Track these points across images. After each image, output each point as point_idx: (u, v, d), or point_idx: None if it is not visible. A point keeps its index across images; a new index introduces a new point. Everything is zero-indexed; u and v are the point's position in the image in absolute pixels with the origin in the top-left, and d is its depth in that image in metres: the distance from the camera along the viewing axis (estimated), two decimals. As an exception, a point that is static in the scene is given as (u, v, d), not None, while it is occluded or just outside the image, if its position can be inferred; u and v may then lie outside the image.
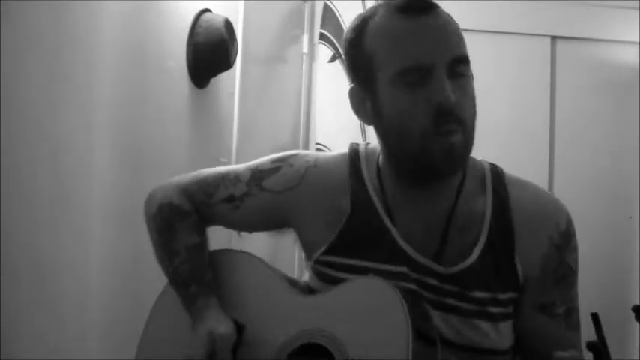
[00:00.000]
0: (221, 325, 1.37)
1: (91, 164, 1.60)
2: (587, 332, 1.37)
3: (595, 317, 1.06)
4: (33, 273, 1.41)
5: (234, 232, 1.71)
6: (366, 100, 1.35)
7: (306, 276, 1.47)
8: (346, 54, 1.39)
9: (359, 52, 1.34)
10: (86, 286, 1.59)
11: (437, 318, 1.32)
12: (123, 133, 1.76)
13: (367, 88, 1.34)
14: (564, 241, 1.36)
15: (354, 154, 1.44)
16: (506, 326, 1.34)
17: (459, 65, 1.29)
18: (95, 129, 1.61)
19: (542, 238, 1.35)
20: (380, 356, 1.26)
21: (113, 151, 1.70)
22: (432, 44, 1.28)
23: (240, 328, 1.39)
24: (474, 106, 1.31)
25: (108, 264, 1.69)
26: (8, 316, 1.32)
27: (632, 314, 1.14)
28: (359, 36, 1.34)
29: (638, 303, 1.14)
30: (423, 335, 1.27)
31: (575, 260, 1.38)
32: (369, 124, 1.37)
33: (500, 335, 1.33)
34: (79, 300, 1.56)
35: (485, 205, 1.37)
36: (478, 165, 1.41)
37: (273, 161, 1.47)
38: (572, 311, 1.37)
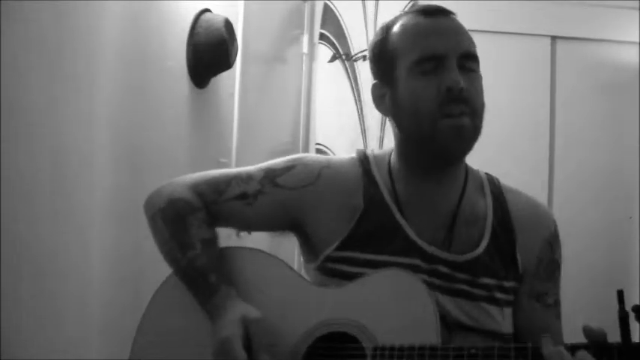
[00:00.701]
0: (251, 311, 1.38)
1: (91, 164, 1.60)
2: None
3: (620, 294, 1.18)
4: (33, 272, 1.41)
5: (233, 235, 1.71)
6: (386, 93, 1.47)
7: (307, 278, 1.49)
8: (371, 54, 1.51)
9: (383, 50, 1.47)
10: (87, 284, 1.59)
11: (449, 303, 1.41)
12: (123, 133, 1.76)
13: (388, 82, 1.46)
14: (554, 241, 1.52)
15: (364, 157, 1.52)
16: (508, 313, 1.46)
17: (468, 61, 1.42)
18: (95, 129, 1.61)
19: (537, 238, 1.50)
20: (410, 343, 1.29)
21: (113, 151, 1.70)
22: (446, 39, 1.42)
23: None
24: (482, 98, 1.43)
25: (108, 263, 1.69)
26: (8, 316, 1.32)
27: (632, 314, 1.15)
28: (384, 38, 1.48)
29: (638, 303, 1.15)
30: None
31: (561, 257, 1.53)
32: (388, 115, 1.49)
33: (504, 320, 1.44)
34: (79, 298, 1.56)
35: (486, 206, 1.49)
36: (476, 173, 1.54)
37: (287, 161, 1.53)
38: (558, 303, 1.52)
